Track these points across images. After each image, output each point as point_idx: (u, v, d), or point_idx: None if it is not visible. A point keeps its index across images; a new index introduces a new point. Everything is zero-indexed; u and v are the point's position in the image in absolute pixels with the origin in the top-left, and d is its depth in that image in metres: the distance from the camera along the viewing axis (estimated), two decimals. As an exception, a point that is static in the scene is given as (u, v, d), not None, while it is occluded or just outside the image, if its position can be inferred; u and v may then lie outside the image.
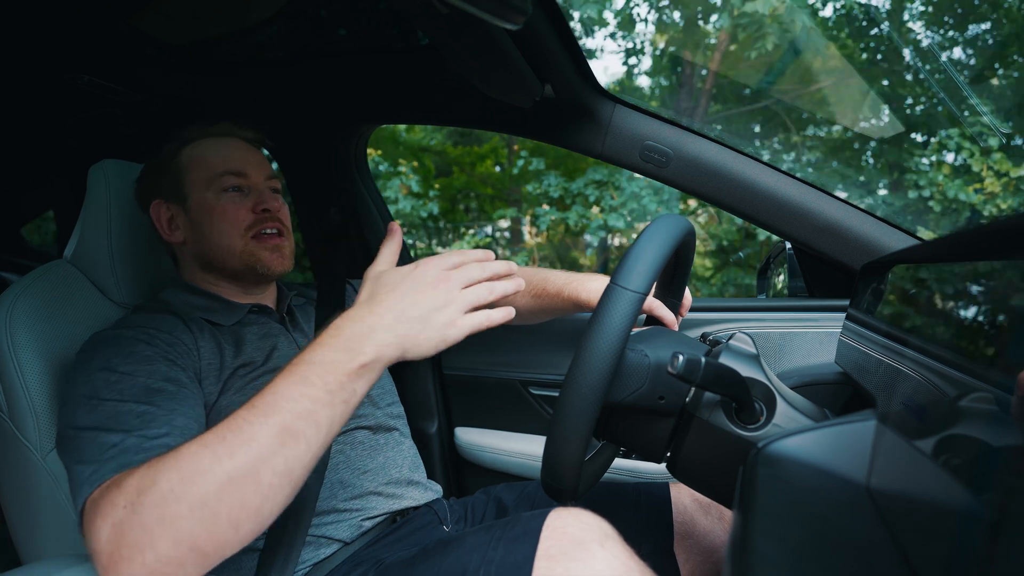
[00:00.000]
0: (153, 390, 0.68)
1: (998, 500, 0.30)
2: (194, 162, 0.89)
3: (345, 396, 0.56)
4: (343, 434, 0.88)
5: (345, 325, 0.59)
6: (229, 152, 0.91)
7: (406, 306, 0.60)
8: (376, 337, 0.58)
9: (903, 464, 0.44)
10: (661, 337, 0.68)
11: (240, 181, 0.89)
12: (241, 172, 0.89)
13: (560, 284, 0.98)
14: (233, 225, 0.87)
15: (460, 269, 0.63)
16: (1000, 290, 0.39)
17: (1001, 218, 0.40)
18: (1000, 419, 0.32)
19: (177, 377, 0.72)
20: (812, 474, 0.52)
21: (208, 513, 0.51)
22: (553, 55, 0.97)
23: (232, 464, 0.52)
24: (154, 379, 0.69)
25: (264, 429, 0.53)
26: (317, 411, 0.55)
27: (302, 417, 0.54)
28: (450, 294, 0.61)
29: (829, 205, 1.06)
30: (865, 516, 0.45)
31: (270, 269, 0.89)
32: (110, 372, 0.69)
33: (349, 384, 0.56)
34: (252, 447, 0.52)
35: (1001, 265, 0.39)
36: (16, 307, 0.80)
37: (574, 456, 0.56)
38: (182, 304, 0.87)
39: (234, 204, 0.88)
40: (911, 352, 0.51)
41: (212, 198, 0.88)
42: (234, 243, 0.87)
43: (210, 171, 0.88)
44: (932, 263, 0.55)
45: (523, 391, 1.27)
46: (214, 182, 0.88)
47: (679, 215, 0.65)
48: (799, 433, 0.56)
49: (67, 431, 0.65)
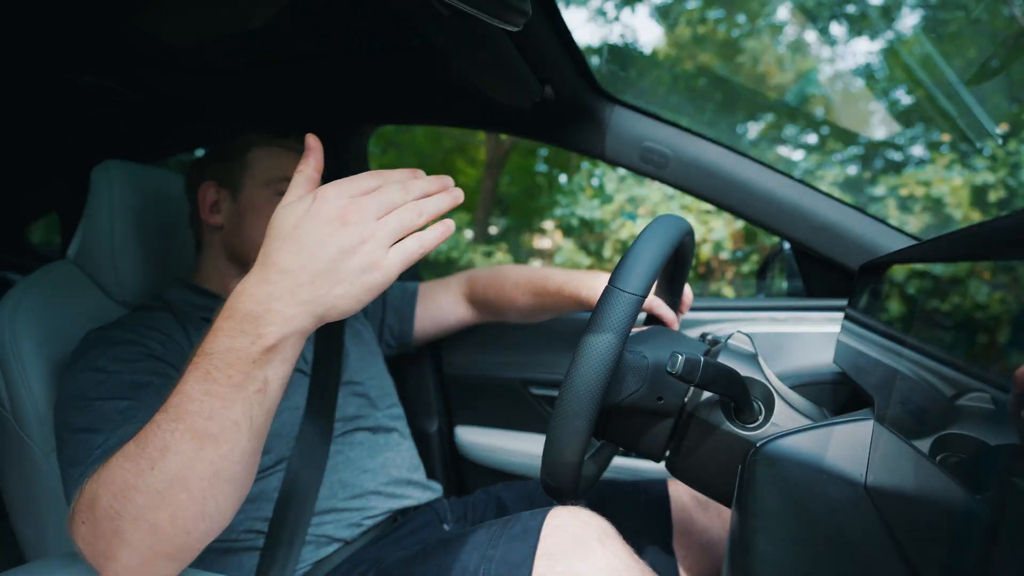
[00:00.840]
0: (139, 385, 0.68)
1: (996, 499, 0.30)
2: (260, 160, 0.91)
3: (257, 386, 0.48)
4: (342, 435, 0.89)
5: (238, 302, 0.49)
6: (294, 163, 0.93)
7: (305, 260, 0.47)
8: (276, 311, 0.48)
9: (901, 463, 0.45)
10: (660, 337, 0.68)
11: None
12: None
13: (560, 282, 0.98)
14: None
15: (372, 194, 0.50)
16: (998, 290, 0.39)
17: (999, 218, 0.40)
18: (997, 418, 0.33)
19: (164, 371, 0.72)
20: (810, 473, 0.53)
21: (150, 525, 0.48)
22: (553, 56, 0.98)
23: (154, 477, 0.48)
24: (139, 375, 0.69)
25: (176, 436, 0.48)
26: (228, 409, 0.48)
27: (212, 419, 0.47)
28: (364, 228, 0.48)
29: (827, 206, 1.07)
30: (863, 515, 0.46)
31: None
32: (96, 372, 0.69)
33: (258, 372, 0.48)
34: (169, 457, 0.48)
35: (999, 265, 0.40)
36: (20, 307, 0.80)
37: (573, 456, 0.56)
38: (183, 303, 0.87)
39: None
40: (909, 352, 0.52)
41: (265, 195, 0.89)
42: None
43: (273, 173, 0.90)
44: (930, 263, 0.55)
45: (523, 390, 1.27)
46: (273, 183, 0.90)
47: (677, 215, 0.65)
48: (797, 432, 0.56)
49: (60, 433, 0.66)
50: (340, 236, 0.48)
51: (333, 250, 0.47)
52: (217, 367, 0.48)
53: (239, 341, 0.48)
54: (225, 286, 0.92)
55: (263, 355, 0.48)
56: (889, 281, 0.69)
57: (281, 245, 0.49)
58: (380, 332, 1.12)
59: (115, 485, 0.49)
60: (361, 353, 1.00)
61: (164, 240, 0.99)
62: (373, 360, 1.02)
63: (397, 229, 0.49)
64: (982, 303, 0.41)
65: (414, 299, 1.13)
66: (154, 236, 0.96)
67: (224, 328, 0.49)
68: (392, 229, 0.49)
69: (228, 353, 0.48)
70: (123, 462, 0.49)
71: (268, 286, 0.48)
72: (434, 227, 0.52)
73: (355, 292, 0.48)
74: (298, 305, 0.48)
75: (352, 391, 0.93)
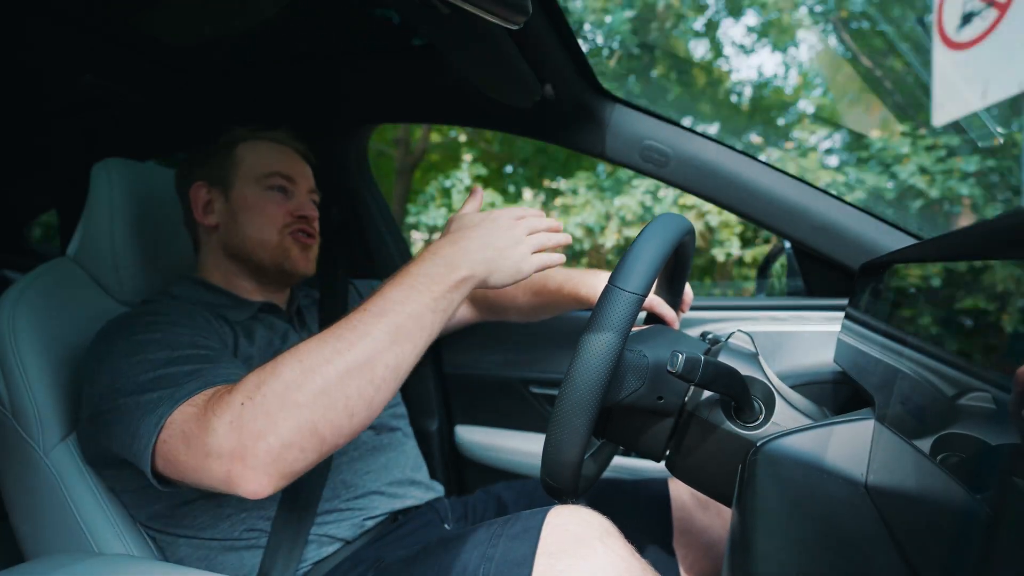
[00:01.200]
0: (196, 342, 0.70)
1: (996, 498, 0.30)
2: (248, 157, 0.92)
3: (445, 305, 0.63)
4: None
5: (440, 248, 0.66)
6: (283, 157, 0.94)
7: (487, 239, 0.67)
8: (469, 257, 0.65)
9: (901, 462, 0.45)
10: (660, 336, 0.68)
11: (287, 184, 0.92)
12: (290, 177, 0.93)
13: (560, 281, 0.98)
14: (271, 221, 0.90)
15: (524, 219, 0.71)
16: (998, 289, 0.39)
17: (999, 217, 0.40)
18: (998, 418, 0.33)
19: (209, 343, 0.73)
20: (811, 472, 0.53)
21: (328, 400, 0.56)
22: (553, 55, 0.98)
23: (351, 356, 0.57)
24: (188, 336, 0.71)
25: (379, 327, 0.59)
26: (424, 315, 0.61)
27: (412, 318, 0.60)
28: (520, 236, 0.70)
29: (828, 204, 1.07)
30: (863, 514, 0.46)
31: (296, 267, 0.92)
32: (150, 331, 0.70)
33: (449, 295, 0.63)
34: (367, 342, 0.58)
35: (999, 264, 0.40)
36: (19, 305, 0.80)
37: (573, 455, 0.56)
38: (193, 298, 0.87)
39: (275, 202, 0.91)
40: (909, 351, 0.52)
41: (257, 192, 0.90)
42: (270, 237, 0.90)
43: (262, 168, 0.91)
44: (930, 262, 0.55)
45: (523, 390, 1.27)
46: (263, 179, 0.91)
47: (678, 214, 0.65)
48: (798, 432, 0.56)
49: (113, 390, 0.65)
50: (508, 236, 0.69)
51: (504, 241, 0.68)
52: (423, 283, 0.62)
53: (442, 269, 0.64)
54: (230, 281, 0.92)
55: (457, 283, 0.64)
56: (889, 280, 0.68)
57: (472, 228, 0.68)
58: None
59: (305, 362, 0.57)
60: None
61: (165, 237, 0.99)
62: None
63: (537, 244, 0.71)
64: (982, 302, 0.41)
65: None
66: (155, 233, 0.96)
67: (430, 260, 0.65)
68: (534, 244, 0.70)
69: (434, 276, 0.63)
70: (318, 344, 0.59)
71: (464, 242, 0.66)
72: (556, 254, 0.73)
73: (511, 270, 0.68)
74: (483, 259, 0.66)
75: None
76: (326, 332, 0.60)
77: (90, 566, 0.67)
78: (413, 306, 0.61)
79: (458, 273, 0.64)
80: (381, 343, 0.59)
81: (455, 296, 0.64)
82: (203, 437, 0.56)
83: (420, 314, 0.61)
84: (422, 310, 0.61)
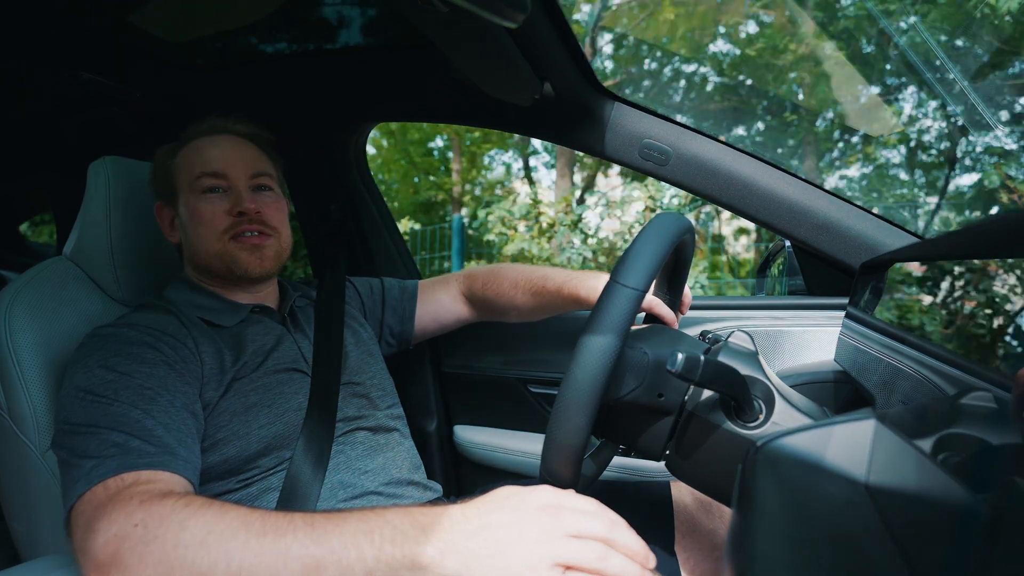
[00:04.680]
0: (149, 396, 0.68)
1: (997, 499, 0.30)
2: (184, 162, 0.89)
3: (384, 571, 0.50)
4: (343, 435, 0.88)
5: (455, 522, 0.51)
6: (212, 152, 0.88)
7: (492, 521, 0.50)
8: (461, 557, 0.49)
9: (902, 462, 0.44)
10: (660, 335, 0.68)
11: (218, 182, 0.87)
12: (219, 173, 0.87)
13: (560, 281, 0.98)
14: (209, 228, 0.86)
15: (579, 514, 0.50)
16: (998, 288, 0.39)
17: (999, 217, 0.40)
18: (999, 417, 0.32)
19: (174, 383, 0.72)
20: (811, 472, 0.52)
21: (196, 568, 0.51)
22: (552, 53, 0.97)
23: (254, 560, 0.51)
24: (151, 383, 0.69)
25: (302, 551, 0.51)
26: (353, 568, 0.50)
27: (339, 565, 0.50)
28: (548, 534, 0.48)
29: (828, 203, 1.06)
30: (864, 514, 0.45)
31: (247, 271, 0.87)
32: (108, 371, 0.69)
33: (397, 569, 0.49)
34: (279, 560, 0.50)
35: (999, 263, 0.39)
36: (15, 304, 0.79)
37: (573, 454, 0.56)
38: (185, 303, 0.87)
39: (211, 206, 0.86)
40: (910, 350, 0.51)
41: (194, 199, 0.87)
42: (212, 246, 0.86)
43: (191, 173, 0.87)
44: (931, 261, 0.55)
45: (522, 389, 1.27)
46: (194, 184, 0.87)
47: (678, 213, 0.65)
48: (798, 431, 0.56)
49: (64, 426, 0.66)
50: (528, 525, 0.48)
51: (515, 531, 0.48)
52: (388, 533, 0.50)
53: (420, 539, 0.49)
54: (215, 287, 0.91)
55: (413, 563, 0.49)
56: (890, 279, 0.68)
57: (488, 501, 0.52)
58: (380, 332, 1.12)
59: (213, 533, 0.52)
60: (361, 353, 0.99)
61: (162, 236, 0.98)
62: (373, 360, 1.01)
63: (572, 559, 0.47)
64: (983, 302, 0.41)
65: (414, 300, 1.12)
66: (152, 232, 0.96)
67: (431, 518, 0.51)
68: (568, 555, 0.47)
69: (406, 535, 0.50)
70: (240, 525, 0.52)
71: (473, 543, 0.49)
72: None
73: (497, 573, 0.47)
74: (461, 563, 0.48)
75: (352, 391, 0.92)
76: (259, 518, 0.53)
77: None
78: (353, 554, 0.50)
79: (428, 558, 0.49)
80: (290, 569, 0.50)
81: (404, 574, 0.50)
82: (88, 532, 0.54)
83: (350, 567, 0.50)
84: (356, 565, 0.50)
